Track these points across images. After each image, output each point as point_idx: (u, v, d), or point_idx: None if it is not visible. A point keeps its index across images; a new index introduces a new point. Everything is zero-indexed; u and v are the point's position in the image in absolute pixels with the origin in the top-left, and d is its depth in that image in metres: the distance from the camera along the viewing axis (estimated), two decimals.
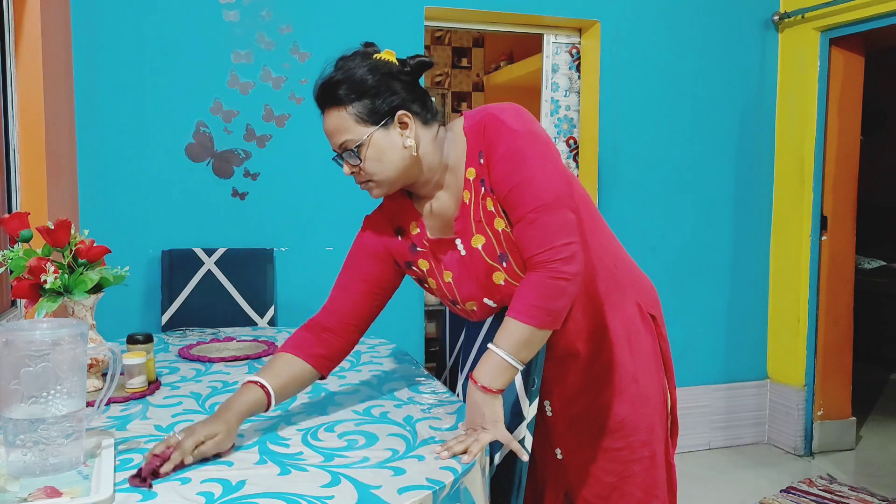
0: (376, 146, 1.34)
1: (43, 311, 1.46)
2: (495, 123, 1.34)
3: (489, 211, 1.37)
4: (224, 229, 2.77)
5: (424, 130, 1.38)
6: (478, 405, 1.30)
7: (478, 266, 1.41)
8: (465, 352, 1.76)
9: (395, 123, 1.34)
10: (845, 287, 3.43)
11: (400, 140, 1.35)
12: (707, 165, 3.42)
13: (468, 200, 1.39)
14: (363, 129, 1.33)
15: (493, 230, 1.38)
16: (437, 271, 1.46)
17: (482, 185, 1.37)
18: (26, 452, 1.11)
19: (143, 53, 2.65)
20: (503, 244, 1.38)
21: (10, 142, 2.02)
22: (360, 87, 1.33)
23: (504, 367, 1.30)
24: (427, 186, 1.42)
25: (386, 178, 1.37)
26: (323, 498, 1.05)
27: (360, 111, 1.33)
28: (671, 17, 3.31)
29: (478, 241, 1.40)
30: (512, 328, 1.30)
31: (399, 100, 1.34)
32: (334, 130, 1.36)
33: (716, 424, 3.49)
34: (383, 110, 1.33)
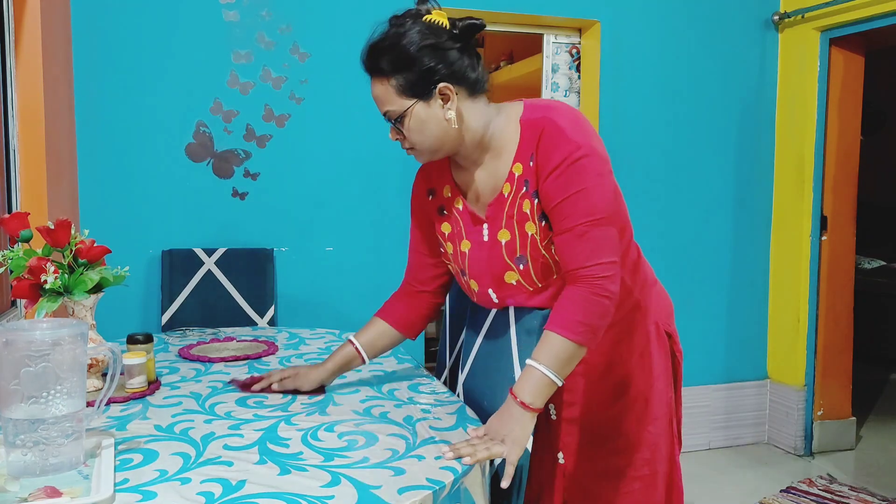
0: (417, 118, 1.35)
1: (43, 311, 1.46)
2: (554, 131, 1.32)
3: (524, 212, 1.37)
4: (224, 229, 2.77)
5: (469, 102, 1.37)
6: (512, 420, 1.26)
7: (495, 258, 1.42)
8: (465, 352, 1.77)
9: (436, 96, 1.34)
10: (845, 287, 3.43)
11: (441, 112, 1.35)
12: (707, 165, 3.42)
13: (507, 194, 1.39)
14: (404, 101, 1.34)
15: (521, 231, 1.38)
16: (457, 236, 1.48)
17: (525, 185, 1.36)
18: (26, 452, 1.11)
19: (143, 53, 2.65)
20: (527, 247, 1.38)
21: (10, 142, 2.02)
22: (402, 60, 1.32)
23: (546, 384, 1.27)
24: (468, 160, 1.43)
25: (427, 148, 1.39)
26: (323, 498, 1.05)
27: (402, 83, 1.33)
28: (671, 17, 3.30)
29: (503, 236, 1.40)
30: (555, 343, 1.28)
31: (442, 72, 1.33)
32: (379, 99, 1.38)
33: (716, 424, 3.49)
34: (424, 83, 1.33)
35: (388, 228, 2.93)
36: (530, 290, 1.43)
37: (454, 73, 1.34)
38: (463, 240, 1.47)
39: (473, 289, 1.50)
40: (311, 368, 1.58)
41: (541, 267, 1.39)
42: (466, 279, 1.51)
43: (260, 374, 1.62)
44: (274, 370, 1.64)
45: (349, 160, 2.89)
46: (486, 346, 1.66)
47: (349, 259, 2.91)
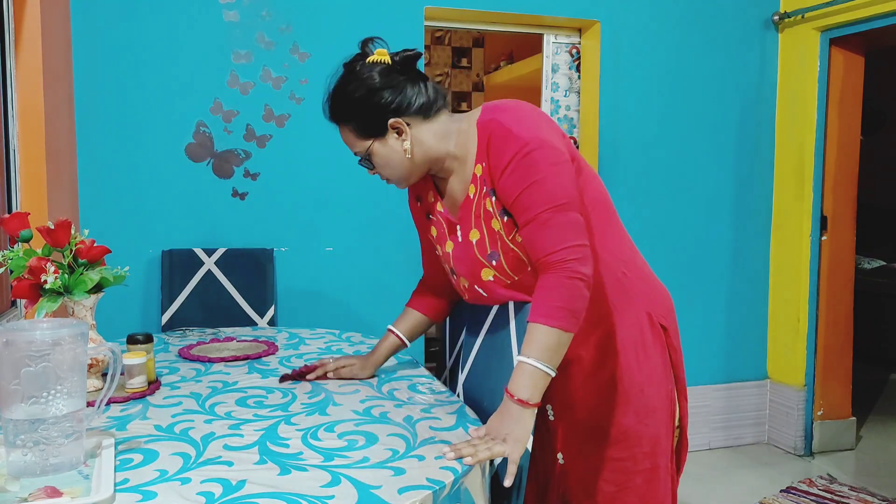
0: (379, 154, 1.46)
1: (43, 311, 1.46)
2: (501, 132, 1.38)
3: (488, 210, 1.44)
4: (224, 229, 2.77)
5: (425, 126, 1.46)
6: (511, 418, 1.27)
7: (470, 257, 1.50)
8: (465, 352, 1.77)
9: (389, 132, 1.44)
10: (845, 287, 3.43)
11: (398, 145, 1.45)
12: (707, 165, 3.42)
13: (472, 195, 1.47)
14: (364, 142, 1.46)
15: (489, 228, 1.44)
16: (442, 239, 1.58)
17: (484, 184, 1.43)
18: (26, 452, 1.11)
19: (143, 53, 2.65)
20: (496, 243, 1.44)
21: (10, 142, 2.02)
22: (350, 108, 1.45)
23: (539, 376, 1.28)
24: (443, 171, 1.52)
25: (397, 177, 1.51)
26: (323, 498, 1.05)
27: (356, 128, 1.46)
28: (671, 17, 3.31)
29: (474, 236, 1.48)
30: (538, 334, 1.29)
31: (388, 109, 1.42)
32: (346, 142, 1.51)
33: (716, 424, 3.49)
34: (375, 123, 1.43)
35: (388, 228, 2.93)
36: (508, 282, 1.47)
37: (400, 106, 1.42)
38: (446, 241, 1.56)
39: (464, 285, 1.56)
40: (364, 359, 1.72)
41: (512, 260, 1.43)
42: (456, 278, 1.58)
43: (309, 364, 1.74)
44: (325, 358, 1.76)
45: (349, 160, 2.87)
46: (486, 347, 1.66)
47: (349, 259, 2.91)
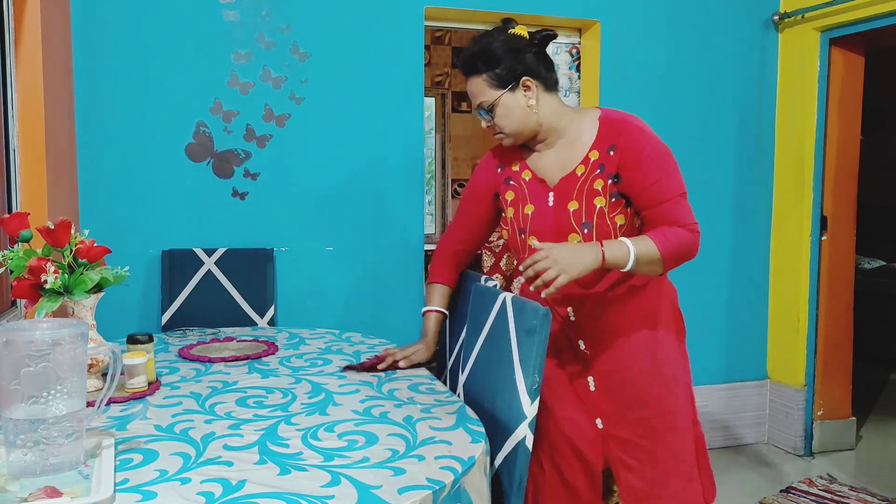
0: (505, 105, 1.69)
1: (43, 311, 1.46)
2: (636, 132, 1.65)
3: (595, 189, 1.66)
4: (224, 229, 2.77)
5: (546, 95, 1.71)
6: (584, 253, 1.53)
7: (561, 221, 1.69)
8: (465, 352, 1.77)
9: (520, 87, 1.68)
10: (845, 287, 3.43)
11: (524, 100, 1.68)
12: (707, 165, 3.42)
13: (580, 173, 1.68)
14: (494, 91, 1.68)
15: (589, 203, 1.66)
16: (520, 201, 1.77)
17: (600, 168, 1.66)
18: (26, 452, 1.11)
19: (143, 53, 2.65)
20: (593, 216, 1.66)
21: (10, 142, 2.02)
22: (492, 60, 1.67)
23: (624, 252, 1.56)
24: (541, 143, 1.75)
25: (512, 131, 1.71)
26: (323, 498, 1.05)
27: (492, 78, 1.68)
28: (671, 17, 3.30)
29: (572, 206, 1.68)
30: (647, 243, 1.59)
31: (524, 68, 1.67)
32: (473, 93, 1.72)
33: (716, 424, 3.49)
34: (510, 77, 1.67)
35: (388, 228, 2.93)
36: None
37: (533, 70, 1.68)
38: (527, 204, 1.75)
39: (531, 245, 1.66)
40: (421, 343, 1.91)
41: (602, 233, 1.66)
42: (524, 237, 1.76)
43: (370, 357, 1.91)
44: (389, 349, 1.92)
45: (349, 160, 2.89)
46: (486, 347, 1.66)
47: (349, 259, 2.91)
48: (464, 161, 5.44)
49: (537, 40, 1.70)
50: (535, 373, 1.43)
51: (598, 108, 1.76)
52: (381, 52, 2.90)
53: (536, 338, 1.44)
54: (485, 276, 1.89)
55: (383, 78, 2.91)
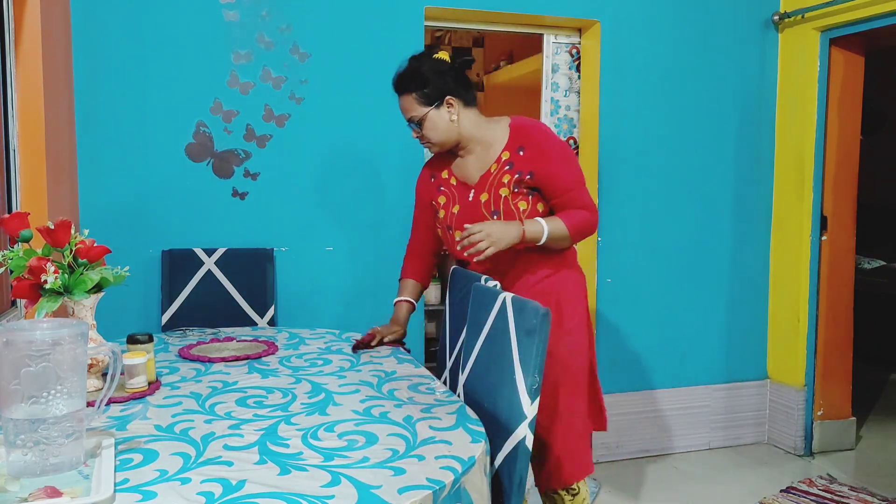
0: (431, 120, 1.99)
1: (43, 311, 1.46)
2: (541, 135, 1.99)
3: (502, 182, 1.98)
4: (224, 229, 2.77)
5: (466, 110, 2.01)
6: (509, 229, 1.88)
7: (476, 212, 2.01)
8: (465, 352, 1.77)
9: (444, 105, 1.98)
10: (845, 287, 3.43)
11: (448, 116, 1.99)
12: (707, 165, 3.42)
13: (493, 170, 2.01)
14: (423, 108, 1.98)
15: (496, 194, 1.99)
16: (450, 203, 2.08)
17: (510, 165, 1.98)
18: (27, 452, 1.11)
19: (143, 53, 2.65)
20: (500, 204, 1.98)
21: (10, 142, 2.02)
22: (421, 81, 1.96)
23: (539, 229, 1.91)
24: (463, 150, 2.06)
25: (437, 141, 2.02)
26: (323, 498, 1.05)
27: (421, 96, 1.97)
28: (671, 17, 3.30)
29: (483, 197, 2.01)
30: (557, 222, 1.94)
31: (448, 88, 1.97)
32: (404, 108, 2.01)
33: (716, 424, 3.49)
34: (436, 96, 1.97)
35: (388, 228, 2.93)
36: None
37: (455, 90, 1.98)
38: (455, 204, 2.07)
39: (457, 238, 1.96)
40: (397, 325, 2.16)
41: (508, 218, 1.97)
42: (451, 232, 2.07)
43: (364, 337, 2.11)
44: (373, 329, 2.13)
45: (349, 160, 2.89)
46: (486, 347, 1.66)
47: (349, 259, 2.91)
48: None
49: (458, 64, 2.01)
50: (535, 373, 1.43)
51: (509, 116, 2.06)
52: (381, 52, 2.90)
53: (536, 338, 1.44)
54: (485, 276, 1.89)
55: (383, 78, 2.89)
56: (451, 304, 2.07)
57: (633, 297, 3.34)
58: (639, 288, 3.35)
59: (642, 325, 3.37)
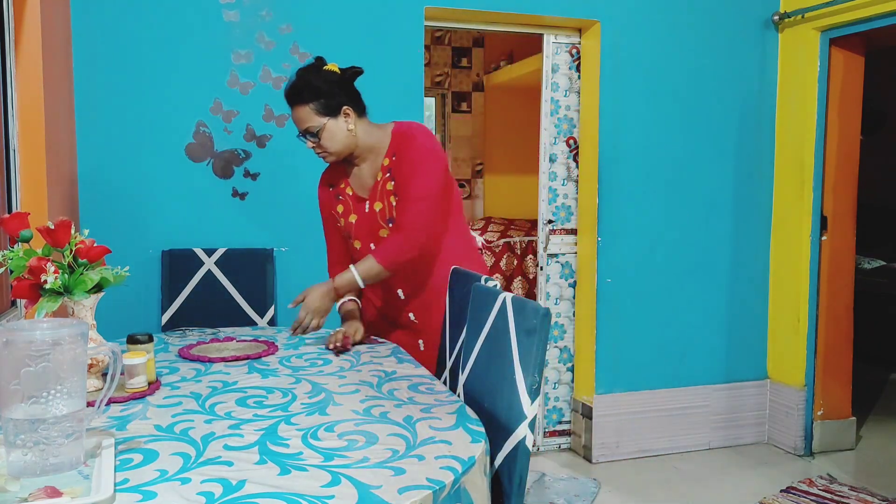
0: (329, 130, 2.00)
1: (43, 311, 1.46)
2: (409, 138, 2.03)
3: (388, 190, 2.05)
4: (224, 229, 2.77)
5: (359, 120, 2.06)
6: (322, 294, 2.01)
7: (373, 221, 2.08)
8: (465, 353, 1.77)
9: (341, 115, 2.01)
10: (845, 287, 3.43)
11: (345, 125, 2.02)
12: (707, 165, 3.42)
13: (379, 179, 2.08)
14: (321, 119, 1.99)
15: (388, 202, 2.05)
16: (347, 213, 2.14)
17: (388, 172, 2.05)
18: (26, 452, 1.11)
19: (143, 53, 2.65)
20: (393, 213, 2.04)
21: (10, 142, 2.02)
22: (316, 92, 1.97)
23: (352, 282, 2.01)
24: (357, 159, 2.10)
25: (335, 151, 2.03)
26: (323, 498, 1.05)
27: (318, 107, 1.98)
28: (671, 17, 3.31)
29: (377, 206, 2.07)
30: (369, 262, 2.00)
31: (343, 98, 2.00)
32: (300, 119, 2.01)
33: (716, 424, 3.49)
34: (333, 105, 1.99)
35: None
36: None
37: (350, 99, 2.02)
38: (352, 214, 2.13)
39: (356, 247, 2.14)
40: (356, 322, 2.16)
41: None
42: (351, 241, 2.16)
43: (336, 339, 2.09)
44: (339, 332, 2.09)
45: None
46: (486, 347, 1.66)
47: None
48: (464, 161, 5.44)
49: (349, 75, 2.04)
50: (535, 373, 1.43)
51: (394, 122, 2.12)
52: (381, 52, 2.90)
53: (537, 338, 1.44)
54: (485, 276, 1.88)
55: (383, 78, 2.91)
56: (451, 304, 2.07)
57: (633, 297, 3.34)
58: (639, 288, 3.35)
59: (642, 325, 3.37)
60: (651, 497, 2.95)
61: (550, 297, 3.45)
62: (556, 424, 3.48)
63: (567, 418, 3.49)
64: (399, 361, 1.93)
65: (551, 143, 3.39)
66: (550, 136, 3.38)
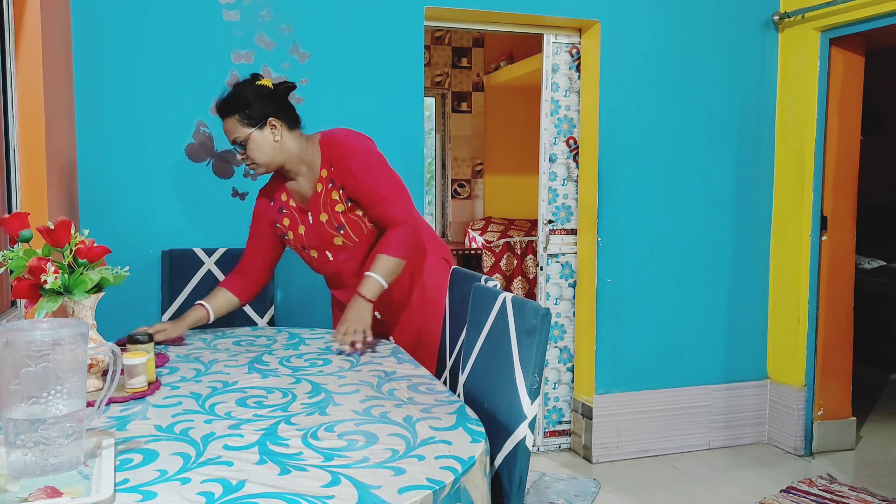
0: (255, 141, 2.03)
1: (43, 311, 1.46)
2: (344, 146, 2.05)
3: (333, 199, 2.08)
4: (224, 229, 2.77)
5: (289, 133, 2.07)
6: (361, 309, 2.00)
7: (322, 231, 2.12)
8: (465, 353, 1.77)
9: (267, 126, 2.03)
10: (845, 287, 3.43)
11: (271, 137, 2.04)
12: (707, 165, 3.42)
13: (320, 190, 2.09)
14: (246, 129, 2.02)
15: (333, 212, 2.09)
16: (295, 225, 2.16)
17: (331, 183, 2.07)
18: (27, 452, 1.11)
19: (143, 53, 2.65)
20: (341, 220, 2.09)
21: (10, 142, 2.02)
22: (242, 103, 2.01)
23: (378, 286, 2.03)
24: (291, 172, 2.11)
25: (263, 163, 2.06)
26: (323, 498, 1.05)
27: (243, 118, 2.01)
28: (671, 17, 3.31)
29: (323, 217, 2.10)
30: (383, 260, 2.03)
31: (270, 110, 2.02)
32: (228, 131, 2.04)
33: (716, 424, 3.49)
34: (259, 116, 2.01)
35: None
36: (352, 244, 2.12)
37: (278, 111, 2.04)
38: (299, 226, 2.15)
39: (313, 256, 2.17)
40: (174, 323, 2.12)
41: (355, 227, 2.10)
42: (307, 251, 2.18)
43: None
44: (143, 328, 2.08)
45: None
46: (486, 347, 1.66)
47: None
48: (464, 161, 5.44)
49: (281, 90, 2.07)
50: (535, 373, 1.43)
51: (319, 132, 2.12)
52: (381, 52, 2.90)
53: (536, 338, 1.44)
54: (485, 276, 1.89)
55: (383, 78, 2.91)
56: (451, 304, 2.07)
57: (633, 297, 3.35)
58: (639, 288, 3.35)
59: (642, 325, 3.37)
60: (651, 497, 2.96)
61: (550, 297, 3.45)
62: (556, 424, 3.48)
63: (567, 418, 3.49)
64: (399, 361, 1.94)
65: (551, 143, 3.39)
66: (550, 136, 3.38)
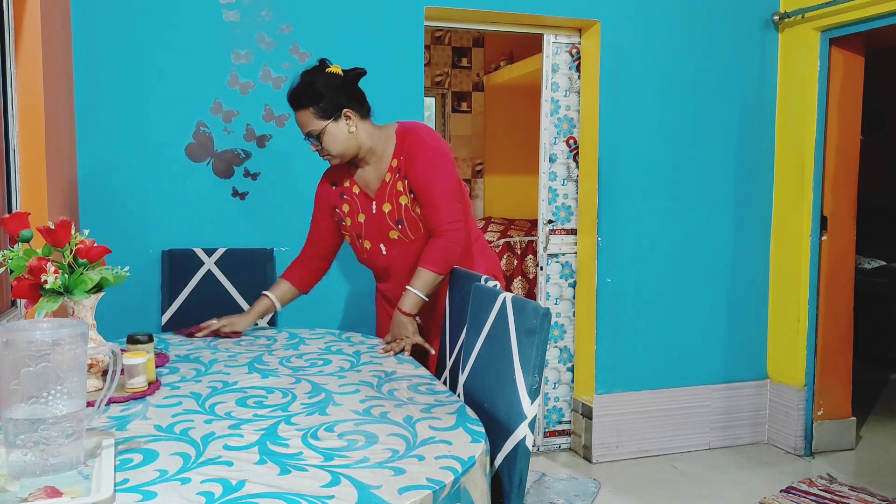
0: (330, 133, 2.03)
1: (43, 311, 1.46)
2: (416, 138, 2.07)
3: (398, 190, 2.08)
4: (224, 229, 2.77)
5: (362, 122, 2.08)
6: (404, 324, 2.05)
7: (381, 222, 2.12)
8: (465, 353, 1.77)
9: (342, 117, 2.03)
10: (845, 287, 3.43)
11: (346, 128, 2.04)
12: (707, 165, 3.42)
13: (388, 180, 2.10)
14: (321, 122, 2.02)
15: (397, 203, 2.09)
16: (354, 212, 2.17)
17: (398, 173, 2.08)
18: (26, 452, 1.11)
19: (142, 53, 2.65)
20: (402, 213, 2.09)
21: (10, 142, 2.02)
22: (315, 96, 2.00)
23: (418, 301, 2.05)
24: (363, 161, 2.12)
25: (338, 154, 2.06)
26: (323, 498, 1.05)
27: (318, 111, 2.01)
28: (671, 17, 3.30)
29: (386, 207, 2.10)
30: (424, 275, 2.04)
31: (344, 101, 2.02)
32: (302, 123, 2.05)
33: (716, 424, 3.49)
34: (333, 109, 2.01)
35: None
36: (407, 241, 2.12)
37: (352, 102, 2.04)
38: (359, 213, 2.15)
39: (366, 246, 2.17)
40: (240, 316, 2.23)
41: (413, 224, 2.10)
42: (361, 241, 2.18)
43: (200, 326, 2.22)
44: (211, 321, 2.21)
45: None
46: (486, 347, 1.66)
47: (349, 259, 2.91)
48: (464, 161, 5.44)
49: (351, 77, 2.06)
50: (535, 373, 1.43)
51: (397, 122, 2.15)
52: (380, 52, 2.90)
53: (536, 338, 1.44)
54: (485, 277, 1.88)
55: (383, 78, 2.91)
56: (451, 304, 2.07)
57: (633, 297, 3.35)
58: (639, 288, 3.35)
59: (642, 325, 3.37)
60: (651, 497, 2.95)
61: (550, 297, 3.45)
62: (556, 424, 3.48)
63: (567, 418, 3.49)
64: (399, 361, 1.94)
65: (551, 143, 3.39)
66: (550, 136, 3.38)
